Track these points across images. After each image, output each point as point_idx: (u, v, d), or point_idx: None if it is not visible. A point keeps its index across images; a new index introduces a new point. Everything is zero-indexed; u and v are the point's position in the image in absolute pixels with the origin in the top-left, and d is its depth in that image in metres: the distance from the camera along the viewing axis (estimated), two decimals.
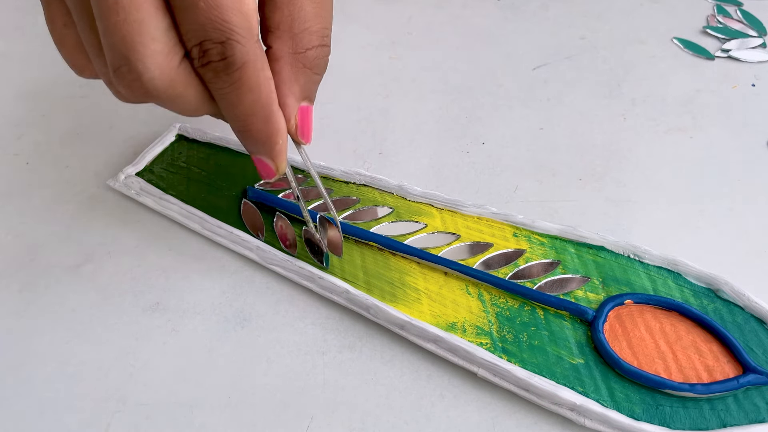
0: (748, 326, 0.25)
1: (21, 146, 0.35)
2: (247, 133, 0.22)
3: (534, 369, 0.24)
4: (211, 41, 0.19)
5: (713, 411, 0.23)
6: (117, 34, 0.19)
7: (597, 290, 0.26)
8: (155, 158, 0.33)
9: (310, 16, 0.22)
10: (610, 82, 0.38)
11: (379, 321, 0.26)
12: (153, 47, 0.19)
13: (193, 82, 0.20)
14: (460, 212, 0.30)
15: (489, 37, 0.42)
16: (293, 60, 0.22)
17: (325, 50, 0.23)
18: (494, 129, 0.35)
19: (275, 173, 0.23)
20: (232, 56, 0.19)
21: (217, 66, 0.20)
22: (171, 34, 0.19)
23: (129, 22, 0.18)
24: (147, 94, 0.20)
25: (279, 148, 0.22)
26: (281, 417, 0.24)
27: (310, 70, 0.23)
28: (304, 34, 0.22)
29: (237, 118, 0.21)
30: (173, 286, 0.28)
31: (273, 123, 0.22)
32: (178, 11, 0.19)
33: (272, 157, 0.23)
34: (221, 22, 0.19)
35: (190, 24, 0.19)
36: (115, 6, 0.18)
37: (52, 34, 0.23)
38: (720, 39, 0.40)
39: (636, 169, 0.33)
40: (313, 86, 0.23)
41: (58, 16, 0.22)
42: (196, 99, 0.21)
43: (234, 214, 0.30)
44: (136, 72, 0.19)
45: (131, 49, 0.19)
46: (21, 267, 0.29)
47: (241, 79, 0.20)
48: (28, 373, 0.26)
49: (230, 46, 0.19)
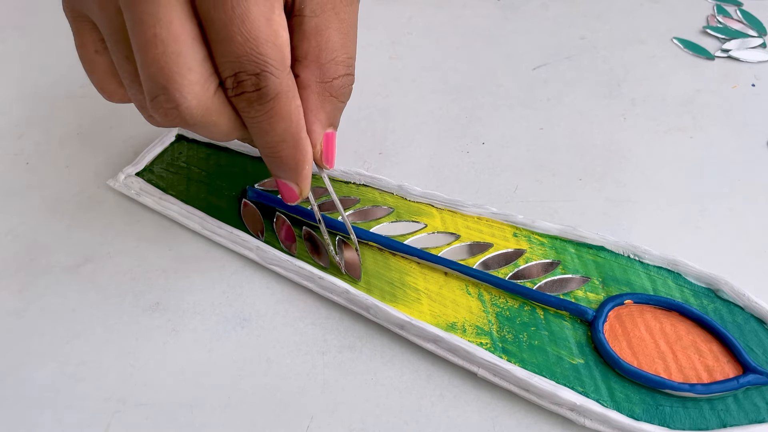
0: (748, 326, 0.25)
1: (21, 146, 0.35)
2: (276, 159, 0.23)
3: (534, 369, 0.24)
4: (246, 73, 0.20)
5: (713, 411, 0.23)
6: (155, 66, 0.19)
7: (597, 290, 0.26)
8: (155, 158, 0.33)
9: (337, 46, 0.23)
10: (610, 82, 0.38)
11: (379, 321, 0.26)
12: (190, 78, 0.19)
13: (226, 110, 0.21)
14: (460, 212, 0.30)
15: (489, 37, 0.42)
16: (320, 89, 0.23)
17: (350, 79, 0.24)
18: (494, 129, 0.35)
19: (299, 197, 0.24)
20: (266, 87, 0.20)
21: (251, 96, 0.20)
22: (207, 65, 0.20)
23: (167, 54, 0.19)
24: (183, 122, 0.20)
25: (305, 174, 0.23)
26: (281, 417, 0.24)
27: (335, 99, 0.23)
28: (330, 65, 0.23)
29: (267, 145, 0.22)
30: (173, 286, 0.28)
31: (301, 150, 0.22)
32: (215, 43, 0.20)
33: (298, 181, 0.23)
34: (256, 55, 0.19)
35: (226, 56, 0.20)
36: (153, 39, 0.19)
37: (83, 59, 0.23)
38: (720, 39, 0.40)
39: (636, 169, 0.33)
40: (337, 113, 0.24)
41: (90, 43, 0.23)
42: (228, 126, 0.22)
43: (234, 214, 0.30)
44: (173, 101, 0.20)
45: (169, 79, 0.19)
46: (21, 267, 0.29)
47: (273, 108, 0.21)
48: (28, 373, 0.26)
49: (264, 77, 0.20)
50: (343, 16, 0.23)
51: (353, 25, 0.24)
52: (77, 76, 0.40)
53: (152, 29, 0.19)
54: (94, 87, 0.24)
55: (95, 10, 0.21)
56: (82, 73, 0.40)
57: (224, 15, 0.19)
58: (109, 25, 0.21)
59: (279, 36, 0.20)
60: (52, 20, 0.45)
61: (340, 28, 0.23)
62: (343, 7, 0.23)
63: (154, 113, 0.20)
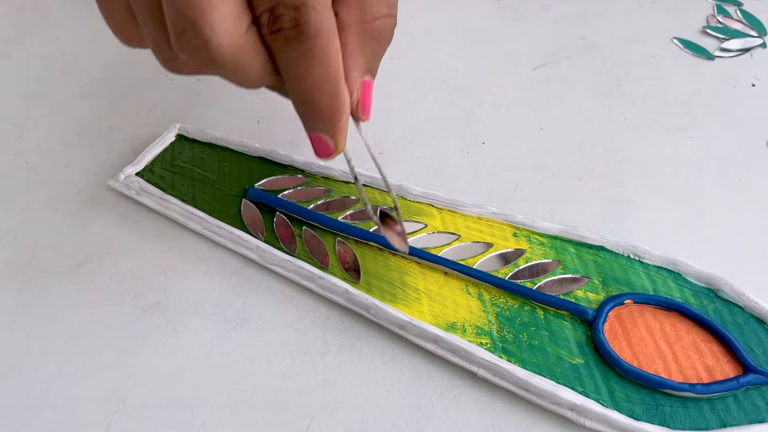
0: (748, 326, 0.25)
1: (21, 146, 0.35)
2: (312, 109, 0.20)
3: (534, 369, 0.24)
4: (285, 6, 0.18)
5: (713, 411, 0.23)
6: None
7: (597, 290, 0.26)
8: (155, 158, 0.33)
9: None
10: (610, 82, 0.38)
11: (379, 321, 0.26)
12: (222, 11, 0.17)
13: (259, 50, 0.19)
14: (460, 212, 0.30)
15: (489, 37, 0.42)
16: (360, 30, 0.21)
17: (392, 21, 0.21)
18: (494, 129, 0.35)
19: (333, 151, 0.22)
20: (306, 23, 0.18)
21: (289, 34, 0.18)
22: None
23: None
24: (211, 62, 0.19)
25: (342, 125, 0.21)
26: (281, 417, 0.24)
27: (376, 42, 0.21)
28: (372, 3, 0.20)
29: (302, 91, 0.20)
30: (173, 286, 0.28)
31: (339, 98, 0.20)
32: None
33: (334, 134, 0.21)
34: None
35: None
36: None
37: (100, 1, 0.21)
38: (720, 39, 0.40)
39: (636, 169, 0.33)
40: (377, 59, 0.22)
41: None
42: (259, 69, 0.20)
43: (234, 214, 0.30)
44: (203, 37, 0.18)
45: (199, 11, 0.17)
46: (21, 267, 0.29)
47: (312, 49, 0.19)
48: (28, 373, 0.26)
49: (305, 12, 0.18)
50: None
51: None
52: (77, 76, 0.40)
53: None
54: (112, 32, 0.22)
55: None
56: (82, 73, 0.40)
57: None
58: None
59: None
60: (53, 20, 0.45)
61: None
62: None
63: (180, 51, 0.18)
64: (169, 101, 0.37)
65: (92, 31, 0.43)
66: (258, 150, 0.33)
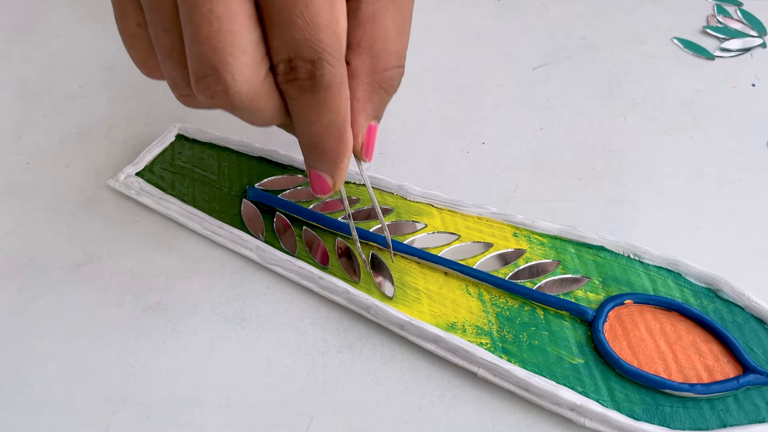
0: (748, 326, 0.25)
1: (21, 146, 0.35)
2: (316, 150, 0.22)
3: (534, 369, 0.24)
4: (302, 59, 0.19)
5: (713, 411, 0.23)
6: (208, 44, 0.18)
7: (597, 290, 0.26)
8: (155, 158, 0.33)
9: (392, 36, 0.22)
10: (610, 82, 0.38)
11: (379, 321, 0.26)
12: (243, 60, 0.18)
13: (273, 95, 0.20)
14: (460, 212, 0.30)
15: (489, 37, 0.42)
16: (370, 79, 0.22)
17: (400, 71, 0.23)
18: (494, 129, 0.35)
19: (331, 190, 0.23)
20: (321, 76, 0.19)
21: (303, 84, 0.19)
22: (260, 47, 0.19)
23: (222, 32, 0.18)
24: (228, 105, 0.20)
25: (343, 166, 0.22)
26: (281, 417, 0.24)
27: (384, 91, 0.22)
28: (383, 54, 0.22)
29: (310, 135, 0.21)
30: (173, 286, 0.28)
31: (344, 142, 0.21)
32: (272, 25, 0.19)
33: (334, 174, 0.22)
34: (315, 42, 0.18)
35: (283, 39, 0.19)
36: (208, 15, 0.18)
37: (123, 33, 0.22)
38: (720, 39, 0.40)
39: (636, 169, 0.33)
40: (383, 106, 0.23)
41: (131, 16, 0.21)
42: (272, 112, 0.21)
43: (234, 214, 0.30)
44: (223, 84, 0.19)
45: (221, 60, 0.18)
46: (21, 267, 0.29)
47: (324, 99, 0.20)
48: (28, 373, 0.26)
49: (320, 65, 0.19)
50: (401, 4, 0.22)
51: (410, 15, 0.22)
52: (77, 76, 0.40)
53: (208, 4, 0.18)
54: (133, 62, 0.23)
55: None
56: (82, 72, 0.40)
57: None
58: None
59: (339, 23, 0.19)
60: (53, 20, 0.45)
61: (396, 17, 0.22)
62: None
63: (199, 93, 0.19)
64: (169, 101, 0.37)
65: (92, 31, 0.43)
66: (258, 150, 0.33)
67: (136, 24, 0.21)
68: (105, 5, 0.45)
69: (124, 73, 0.40)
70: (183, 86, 0.21)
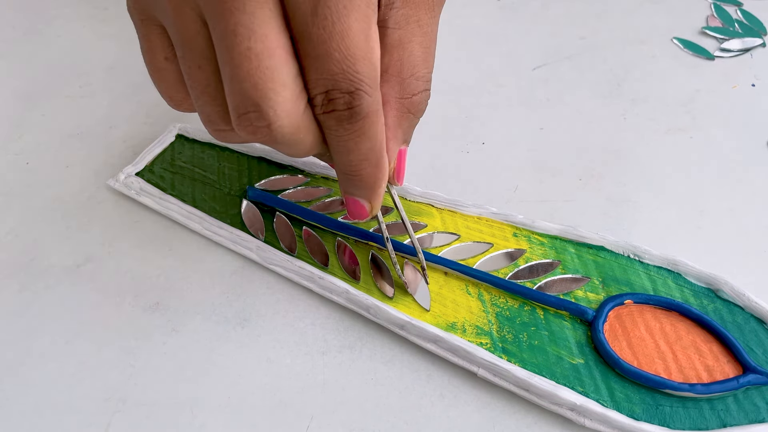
0: (748, 326, 0.25)
1: (21, 146, 0.35)
2: (356, 178, 0.22)
3: (534, 369, 0.24)
4: (340, 91, 0.19)
5: (713, 411, 0.23)
6: (249, 81, 0.18)
7: (597, 290, 0.26)
8: (155, 158, 0.33)
9: (419, 61, 0.22)
10: (610, 82, 0.38)
11: (379, 321, 0.26)
12: (284, 94, 0.18)
13: (312, 127, 0.20)
14: (460, 212, 0.30)
15: (489, 37, 0.42)
16: (399, 105, 0.22)
17: (428, 95, 0.23)
18: (494, 129, 0.35)
19: (368, 215, 0.23)
20: (359, 106, 0.19)
21: (342, 115, 0.19)
22: (298, 80, 0.19)
23: (262, 69, 0.18)
24: (270, 140, 0.20)
25: (381, 191, 0.22)
26: (281, 417, 0.24)
27: (413, 115, 0.22)
28: (411, 80, 0.22)
29: (349, 163, 0.21)
30: (173, 286, 0.28)
31: (382, 168, 0.22)
32: (308, 58, 0.19)
33: (371, 199, 0.23)
34: (353, 73, 0.19)
35: (321, 72, 0.19)
36: (247, 52, 0.18)
37: (150, 66, 0.22)
38: (720, 39, 0.40)
39: (636, 169, 0.33)
40: (412, 130, 0.23)
41: (159, 49, 0.21)
42: (311, 143, 0.21)
43: (234, 214, 0.30)
44: (266, 119, 0.19)
45: (263, 96, 0.18)
46: (21, 267, 0.29)
47: (362, 128, 0.20)
48: (28, 373, 0.26)
49: (358, 96, 0.19)
50: (426, 28, 0.22)
51: (435, 38, 0.23)
52: (77, 76, 0.40)
53: (246, 42, 0.18)
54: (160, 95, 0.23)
55: (168, 14, 0.19)
56: (82, 72, 0.40)
57: (323, 30, 0.18)
58: (183, 31, 0.19)
59: (374, 52, 0.19)
60: (53, 20, 0.45)
61: (422, 41, 0.22)
62: (427, 19, 0.22)
63: (241, 130, 0.19)
64: None
65: (92, 31, 0.43)
66: (258, 150, 0.33)
67: (164, 57, 0.21)
68: (105, 5, 0.45)
69: (124, 73, 0.40)
70: (218, 122, 0.21)
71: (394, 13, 0.21)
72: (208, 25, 0.19)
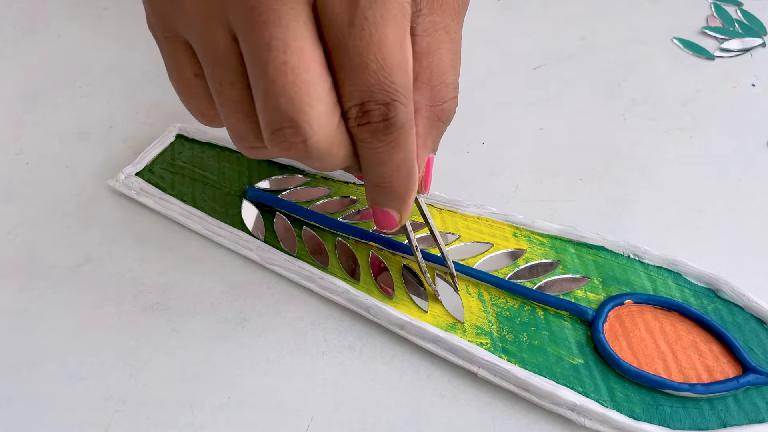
0: (748, 326, 0.25)
1: (21, 146, 0.35)
2: (387, 189, 0.21)
3: (534, 369, 0.24)
4: (375, 102, 0.18)
5: (713, 411, 0.23)
6: (284, 96, 0.18)
7: (597, 290, 0.26)
8: (155, 158, 0.33)
9: (447, 67, 0.21)
10: (610, 82, 0.38)
11: (379, 321, 0.26)
12: (319, 109, 0.18)
13: (345, 140, 0.20)
14: (460, 212, 0.30)
15: (489, 37, 0.42)
16: (429, 113, 0.21)
17: (456, 102, 0.22)
18: (494, 129, 0.35)
19: (398, 225, 0.23)
20: (395, 117, 0.19)
21: (377, 127, 0.19)
22: (332, 94, 0.19)
23: (297, 83, 0.18)
24: (305, 155, 0.19)
25: (411, 201, 0.22)
26: (281, 417, 0.24)
27: (442, 123, 0.22)
28: (441, 87, 0.21)
29: (382, 175, 0.21)
30: (173, 286, 0.28)
31: (413, 178, 0.21)
32: (345, 70, 0.18)
33: (401, 209, 0.22)
34: (389, 84, 0.18)
35: (357, 84, 0.18)
36: (283, 67, 0.17)
37: (179, 84, 0.21)
38: (720, 39, 0.40)
39: (636, 169, 0.33)
40: (440, 137, 0.23)
41: (188, 67, 0.21)
42: (343, 157, 0.20)
43: (234, 214, 0.30)
44: (302, 135, 0.18)
45: (299, 110, 0.18)
46: (21, 267, 0.29)
47: (396, 139, 0.19)
48: (28, 373, 0.26)
49: (394, 107, 0.19)
50: (453, 34, 0.22)
51: (460, 43, 0.22)
52: (77, 76, 0.40)
53: (282, 56, 0.17)
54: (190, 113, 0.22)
55: (196, 30, 0.19)
56: (82, 72, 0.40)
57: (360, 41, 0.18)
58: (212, 47, 0.19)
59: (408, 62, 0.19)
60: (53, 20, 0.45)
61: (450, 47, 0.21)
62: (454, 25, 0.22)
63: (275, 146, 0.19)
64: (169, 101, 0.37)
65: (92, 31, 0.43)
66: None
67: (194, 74, 0.21)
68: (105, 5, 0.45)
69: (124, 73, 0.40)
70: (251, 138, 0.20)
71: (422, 20, 0.21)
72: (239, 40, 0.18)
